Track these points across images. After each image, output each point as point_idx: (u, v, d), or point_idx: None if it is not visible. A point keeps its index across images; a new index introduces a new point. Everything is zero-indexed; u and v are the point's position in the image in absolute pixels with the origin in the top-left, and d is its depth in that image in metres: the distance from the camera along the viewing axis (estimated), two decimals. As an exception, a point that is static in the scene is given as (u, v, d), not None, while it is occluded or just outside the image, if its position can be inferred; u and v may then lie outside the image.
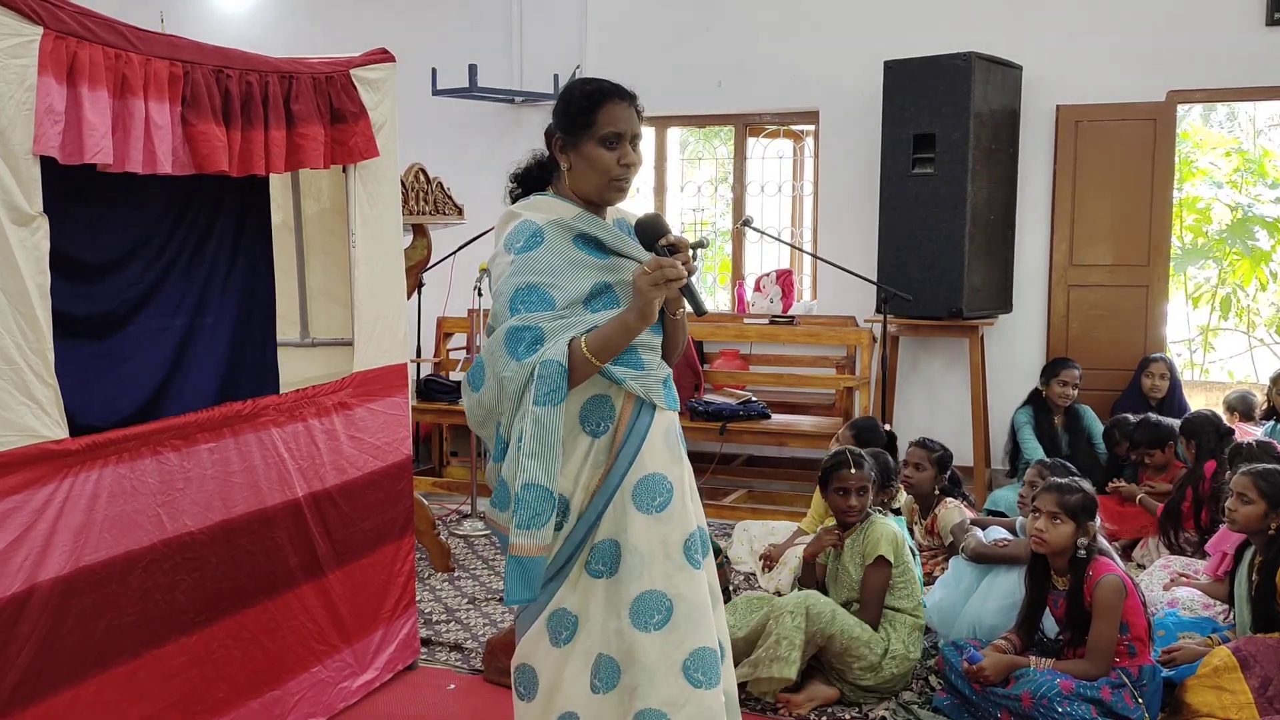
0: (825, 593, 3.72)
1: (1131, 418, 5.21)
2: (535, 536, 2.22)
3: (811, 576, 3.77)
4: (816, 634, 3.41)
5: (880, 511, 3.76)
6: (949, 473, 4.47)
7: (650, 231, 2.32)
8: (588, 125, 2.32)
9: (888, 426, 5.02)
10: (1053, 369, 5.75)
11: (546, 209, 2.37)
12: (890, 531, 3.60)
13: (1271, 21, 5.74)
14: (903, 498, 4.39)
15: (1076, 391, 5.67)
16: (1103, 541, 3.37)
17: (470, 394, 2.40)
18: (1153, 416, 5.15)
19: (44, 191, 2.36)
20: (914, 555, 3.98)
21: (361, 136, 3.26)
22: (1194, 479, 4.59)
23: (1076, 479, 3.46)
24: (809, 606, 3.43)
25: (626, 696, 2.30)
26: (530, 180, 2.47)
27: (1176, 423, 5.01)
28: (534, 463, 2.19)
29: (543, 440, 2.19)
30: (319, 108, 3.11)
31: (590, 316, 2.29)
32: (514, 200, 2.47)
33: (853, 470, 3.64)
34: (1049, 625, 3.48)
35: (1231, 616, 3.65)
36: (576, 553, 2.33)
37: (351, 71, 3.27)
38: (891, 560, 3.55)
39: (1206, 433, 4.70)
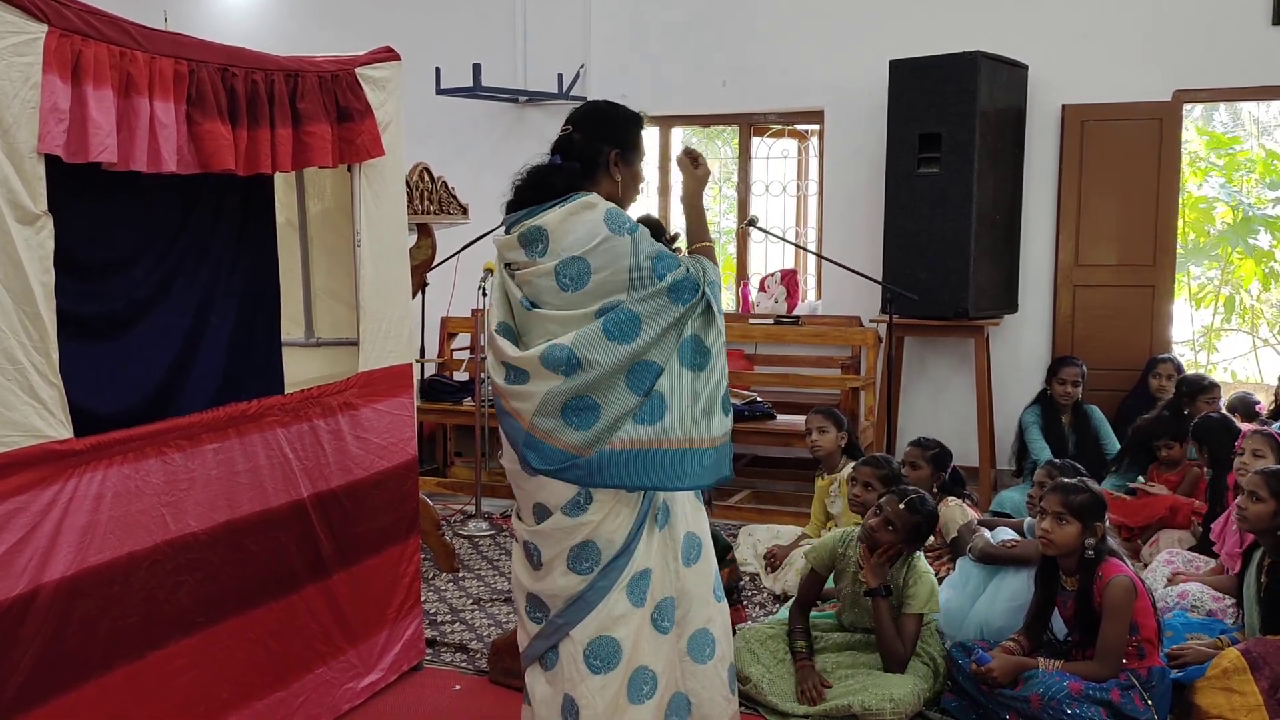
0: (841, 610, 3.73)
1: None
2: (726, 425, 2.68)
3: (814, 592, 3.71)
4: None
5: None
6: (949, 471, 4.44)
7: (655, 226, 2.98)
8: (638, 147, 2.76)
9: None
10: (1054, 368, 5.75)
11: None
12: (931, 585, 3.55)
13: (1278, 20, 5.73)
14: None
15: (1079, 389, 5.65)
16: (1112, 542, 3.35)
17: (616, 347, 2.55)
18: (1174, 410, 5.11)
19: (49, 191, 2.34)
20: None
21: (368, 135, 3.24)
22: (1219, 494, 4.43)
23: (1084, 479, 3.44)
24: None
25: (678, 628, 2.74)
26: (552, 189, 2.65)
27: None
28: (724, 364, 2.68)
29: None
30: (325, 106, 3.09)
31: None
32: (528, 203, 2.68)
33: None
34: (1057, 626, 3.46)
35: (1240, 617, 3.63)
36: (649, 509, 2.67)
37: (357, 70, 3.25)
38: (926, 613, 3.55)
39: (1218, 435, 4.59)
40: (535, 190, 2.66)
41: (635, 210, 2.78)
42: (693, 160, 2.80)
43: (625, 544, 2.62)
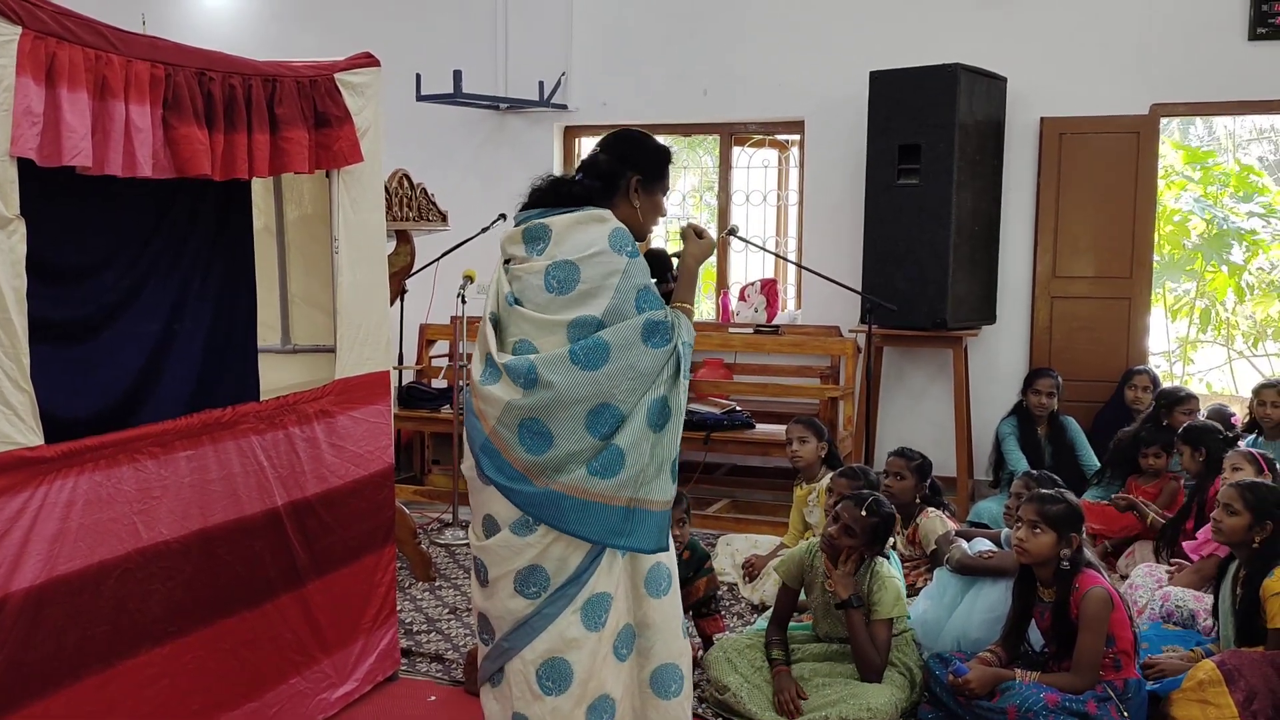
0: (815, 623, 3.73)
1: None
2: (671, 491, 2.66)
3: (789, 606, 3.72)
4: None
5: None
6: (929, 482, 4.46)
7: (663, 259, 2.90)
8: (662, 178, 2.80)
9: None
10: (1030, 379, 5.79)
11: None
12: (896, 590, 3.55)
13: (1254, 36, 5.78)
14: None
15: (1055, 400, 5.68)
16: (1089, 554, 3.37)
17: (577, 371, 2.54)
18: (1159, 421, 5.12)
19: (20, 194, 2.31)
20: (895, 562, 3.98)
21: (346, 141, 3.22)
22: (1201, 493, 4.42)
23: (1061, 490, 3.46)
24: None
25: (639, 658, 2.73)
26: (570, 197, 2.69)
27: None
28: (680, 428, 2.66)
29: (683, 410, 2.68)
30: (303, 111, 3.08)
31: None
32: (542, 205, 2.72)
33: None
34: (1034, 637, 3.47)
35: (1216, 628, 3.64)
36: None
37: (336, 75, 3.23)
38: (896, 617, 3.55)
39: (1213, 439, 4.51)
40: (552, 195, 2.71)
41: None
42: (697, 233, 2.85)
43: (578, 571, 2.60)
